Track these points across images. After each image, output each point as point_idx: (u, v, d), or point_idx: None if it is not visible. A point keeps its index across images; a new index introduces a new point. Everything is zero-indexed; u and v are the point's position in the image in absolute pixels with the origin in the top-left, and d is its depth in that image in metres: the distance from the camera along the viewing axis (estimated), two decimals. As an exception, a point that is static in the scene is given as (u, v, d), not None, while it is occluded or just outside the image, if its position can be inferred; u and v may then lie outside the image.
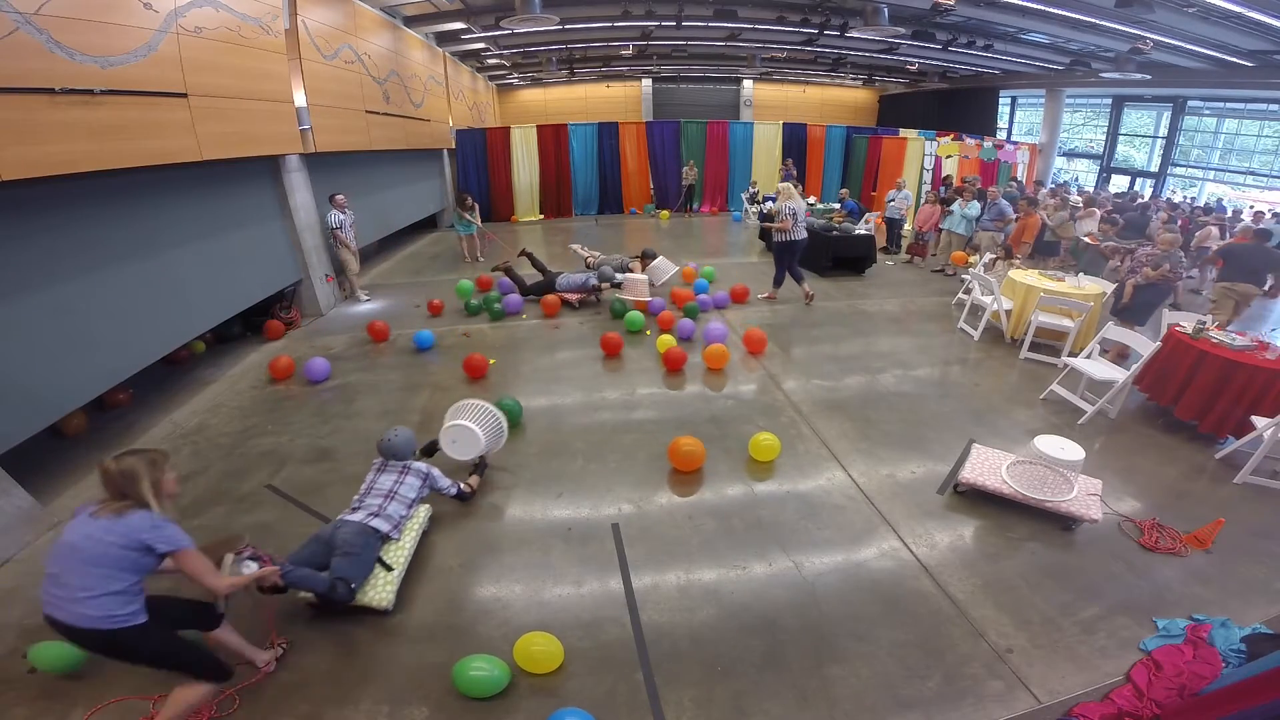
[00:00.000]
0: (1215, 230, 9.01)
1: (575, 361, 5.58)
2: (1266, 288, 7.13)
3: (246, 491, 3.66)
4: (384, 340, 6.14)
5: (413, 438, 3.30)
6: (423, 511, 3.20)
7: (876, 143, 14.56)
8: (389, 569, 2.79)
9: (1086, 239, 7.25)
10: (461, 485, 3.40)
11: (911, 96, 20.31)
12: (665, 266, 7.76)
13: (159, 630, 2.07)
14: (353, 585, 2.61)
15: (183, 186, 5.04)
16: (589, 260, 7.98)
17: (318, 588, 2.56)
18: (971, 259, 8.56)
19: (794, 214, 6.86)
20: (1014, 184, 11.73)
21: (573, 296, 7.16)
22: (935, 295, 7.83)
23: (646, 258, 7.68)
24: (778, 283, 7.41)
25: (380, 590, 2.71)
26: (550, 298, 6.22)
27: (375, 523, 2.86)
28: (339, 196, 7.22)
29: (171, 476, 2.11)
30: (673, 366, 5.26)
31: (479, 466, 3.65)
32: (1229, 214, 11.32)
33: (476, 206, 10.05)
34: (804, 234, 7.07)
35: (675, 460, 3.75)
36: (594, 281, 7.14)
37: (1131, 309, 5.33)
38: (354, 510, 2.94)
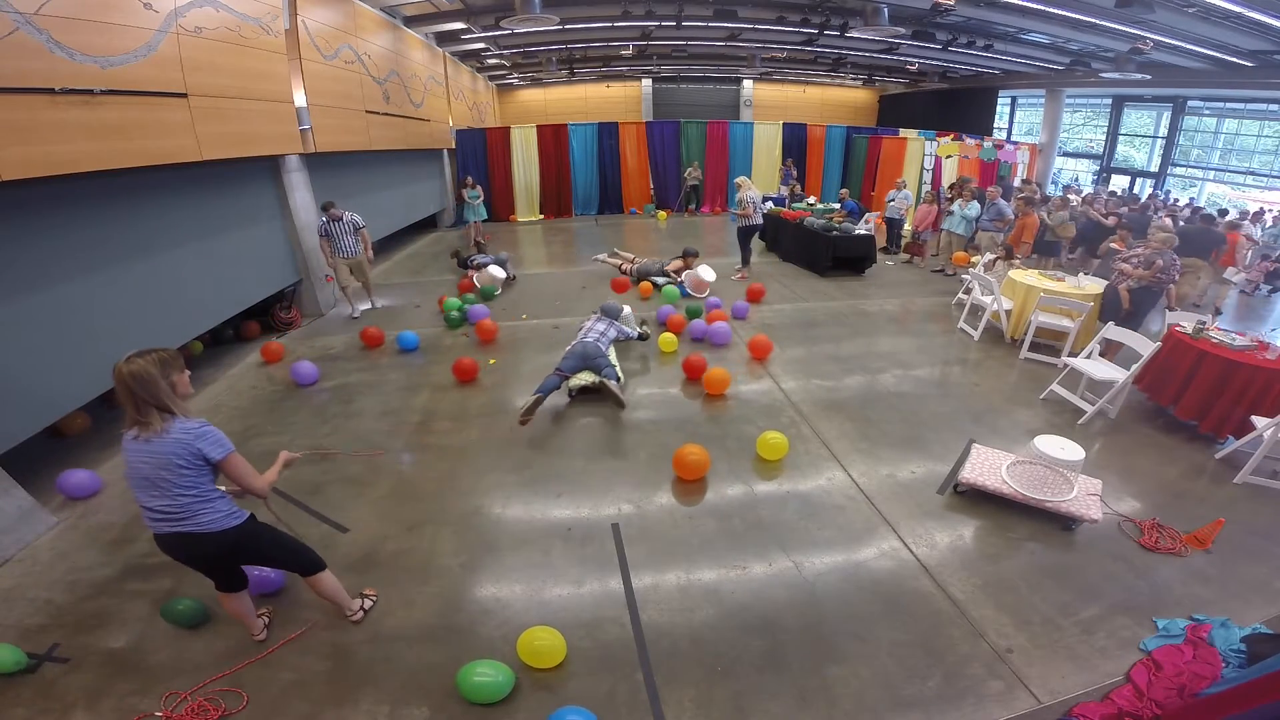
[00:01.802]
0: (1169, 220, 9.14)
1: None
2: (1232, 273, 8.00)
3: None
4: (377, 346, 6.05)
5: (620, 308, 5.46)
6: (613, 350, 5.17)
7: (876, 143, 14.55)
8: (614, 364, 4.86)
9: (1114, 244, 7.25)
10: (640, 332, 5.66)
11: (911, 96, 20.29)
12: (705, 273, 7.73)
13: (260, 524, 2.31)
14: (615, 370, 4.73)
15: (183, 186, 5.04)
16: (623, 266, 8.48)
17: (611, 377, 4.57)
18: (974, 259, 8.56)
19: (753, 202, 8.15)
20: (1007, 181, 11.71)
21: (473, 273, 8.33)
22: (935, 295, 7.83)
23: (689, 256, 8.11)
24: (744, 261, 8.71)
25: (618, 371, 4.86)
26: (486, 324, 6.11)
27: (600, 344, 4.86)
28: (331, 210, 6.50)
29: (184, 377, 2.06)
30: (693, 375, 5.06)
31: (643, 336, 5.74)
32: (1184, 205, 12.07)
33: (480, 188, 10.84)
34: (759, 220, 8.46)
35: (680, 470, 3.72)
36: (483, 260, 8.47)
37: (1129, 316, 5.25)
38: (585, 338, 4.92)
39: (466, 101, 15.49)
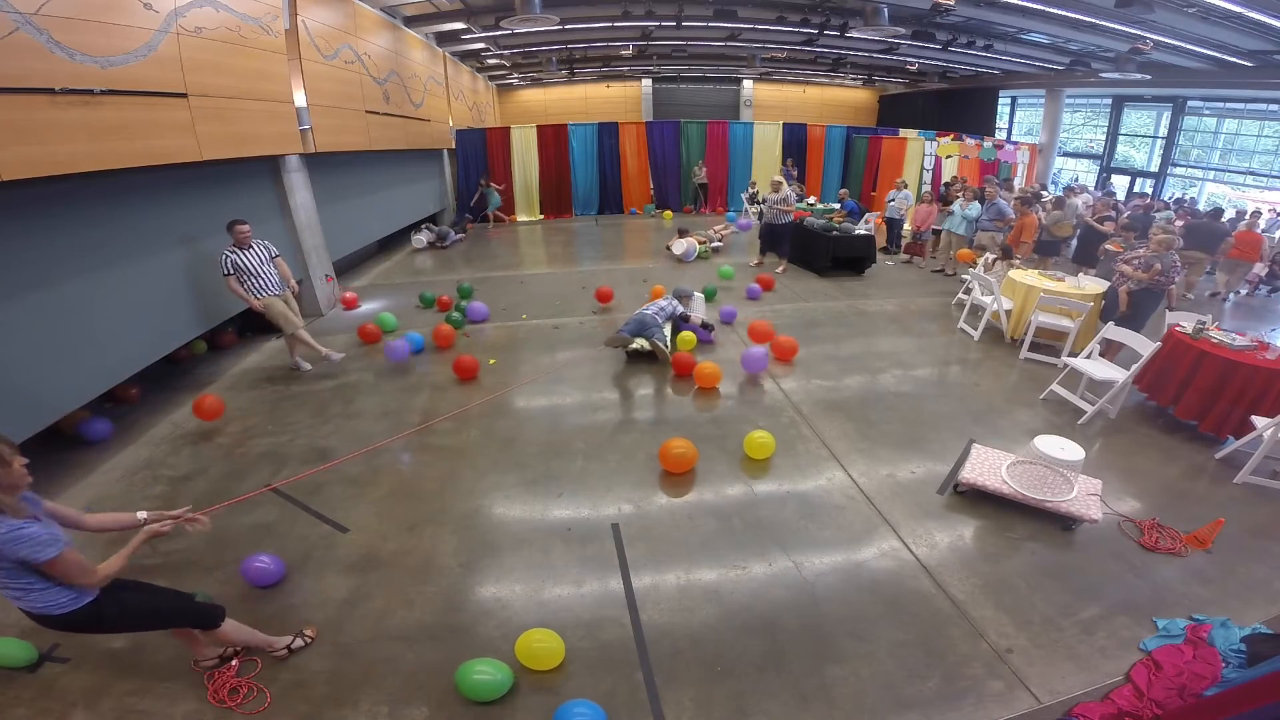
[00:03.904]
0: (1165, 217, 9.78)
1: (575, 361, 5.58)
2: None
3: (246, 491, 3.66)
4: (375, 343, 6.05)
5: (691, 291, 6.25)
6: (668, 325, 5.76)
7: (876, 143, 14.56)
8: (663, 334, 5.57)
9: (1110, 247, 7.30)
10: (703, 325, 6.06)
11: (911, 96, 20.30)
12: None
13: (115, 596, 2.04)
14: (662, 339, 5.42)
15: (183, 186, 5.04)
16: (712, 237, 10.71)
17: (660, 341, 5.39)
18: (977, 259, 8.55)
19: (786, 200, 8.62)
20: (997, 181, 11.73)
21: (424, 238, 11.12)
22: (935, 295, 7.83)
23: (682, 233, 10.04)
24: (763, 251, 9.15)
25: (664, 344, 5.43)
26: (444, 330, 5.97)
27: (657, 317, 5.57)
28: (239, 226, 4.84)
29: (10, 470, 1.82)
30: (683, 371, 5.14)
31: (708, 326, 6.12)
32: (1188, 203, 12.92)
33: (493, 187, 12.92)
34: (787, 219, 8.78)
35: (666, 463, 3.73)
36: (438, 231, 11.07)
37: (1129, 317, 5.26)
38: (646, 310, 5.64)
39: (466, 101, 15.48)
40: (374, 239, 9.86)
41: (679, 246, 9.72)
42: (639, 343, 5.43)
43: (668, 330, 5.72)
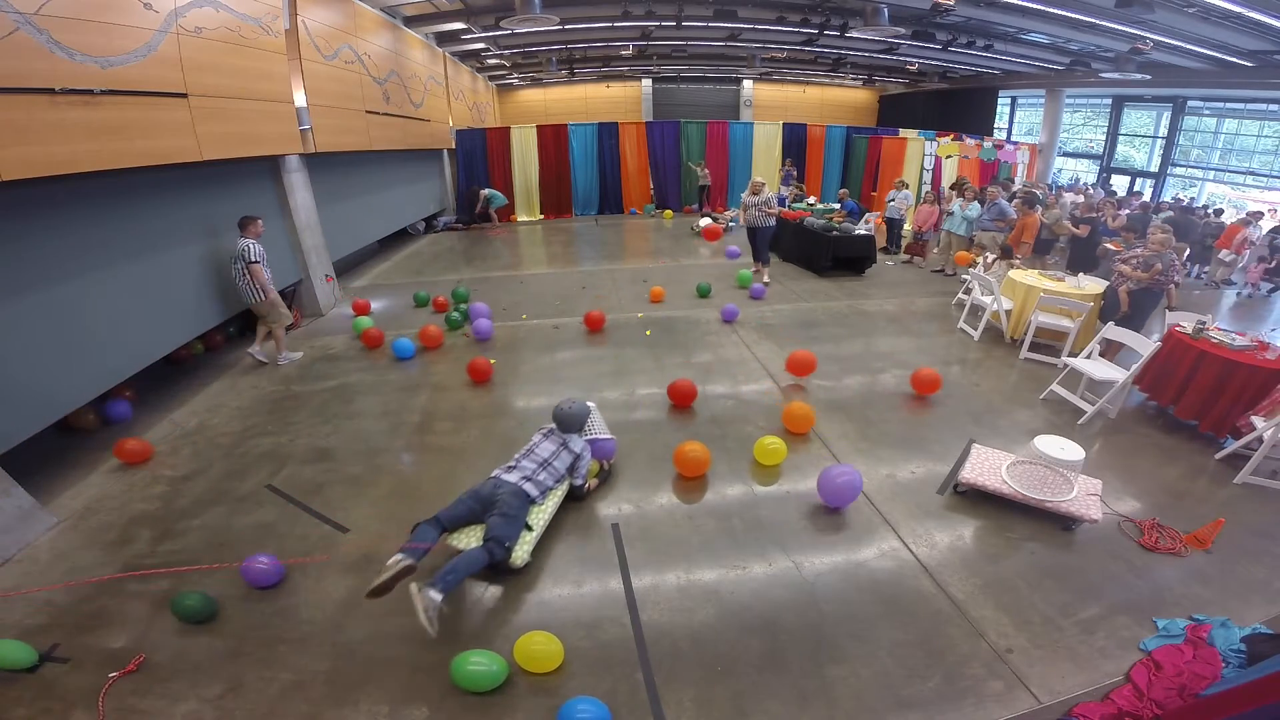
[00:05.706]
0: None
1: (575, 361, 5.58)
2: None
3: (246, 491, 3.67)
4: (377, 346, 6.03)
5: (587, 413, 3.51)
6: (561, 488, 3.33)
7: (876, 143, 14.55)
8: (529, 529, 2.98)
9: (1110, 245, 7.31)
10: (588, 484, 3.49)
11: (911, 96, 20.30)
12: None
13: None
14: (507, 545, 2.80)
15: (183, 186, 5.04)
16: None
17: (476, 567, 2.71)
18: (976, 259, 8.55)
19: (768, 202, 8.25)
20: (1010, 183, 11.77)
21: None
22: (935, 295, 7.83)
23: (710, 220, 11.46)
24: (761, 259, 8.52)
25: (520, 549, 2.89)
26: (431, 330, 5.89)
27: (527, 487, 3.06)
28: (259, 220, 5.28)
29: None
30: (682, 403, 4.63)
31: (603, 473, 3.71)
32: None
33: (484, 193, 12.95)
34: (773, 222, 8.30)
35: (681, 466, 3.73)
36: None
37: (1129, 317, 5.20)
38: (510, 470, 3.17)
39: (466, 101, 15.49)
40: (374, 239, 9.86)
41: (703, 222, 11.79)
42: (466, 537, 2.90)
43: (552, 503, 3.19)
